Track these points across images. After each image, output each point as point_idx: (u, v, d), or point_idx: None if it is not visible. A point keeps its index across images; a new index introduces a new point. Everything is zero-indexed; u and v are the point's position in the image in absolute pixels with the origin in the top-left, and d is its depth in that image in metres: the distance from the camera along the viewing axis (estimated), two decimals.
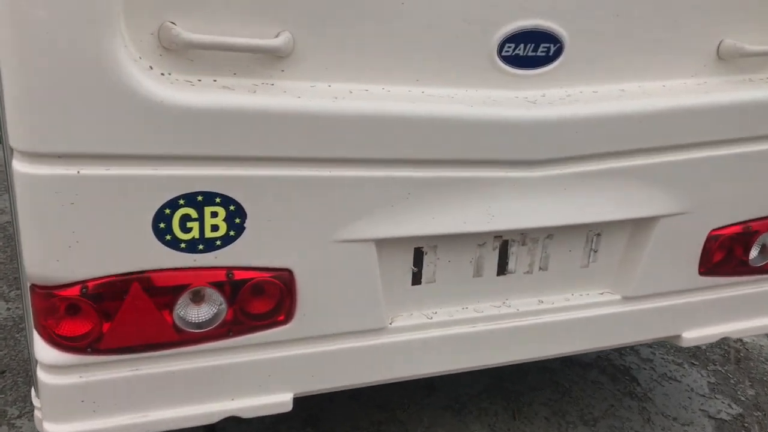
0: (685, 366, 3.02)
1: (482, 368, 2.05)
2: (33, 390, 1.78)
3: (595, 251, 2.09)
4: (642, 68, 1.94)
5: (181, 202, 1.56)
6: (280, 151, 1.59)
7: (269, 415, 1.84)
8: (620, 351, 3.07)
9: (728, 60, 2.02)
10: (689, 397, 2.81)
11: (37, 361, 1.68)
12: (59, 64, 1.38)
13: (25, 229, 1.52)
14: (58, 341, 1.61)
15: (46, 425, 1.69)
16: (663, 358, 3.05)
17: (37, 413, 1.74)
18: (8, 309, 3.07)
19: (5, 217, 3.92)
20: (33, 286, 1.59)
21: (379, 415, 2.56)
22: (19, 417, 2.45)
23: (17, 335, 2.88)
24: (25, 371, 2.67)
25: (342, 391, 1.96)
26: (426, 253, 1.90)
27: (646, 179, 1.99)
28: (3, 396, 2.54)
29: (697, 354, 3.11)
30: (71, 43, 1.37)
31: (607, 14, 1.81)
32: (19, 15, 1.34)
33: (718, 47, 1.99)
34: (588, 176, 1.93)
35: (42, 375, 1.66)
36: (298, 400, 1.85)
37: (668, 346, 3.14)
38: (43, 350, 1.63)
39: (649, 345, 3.12)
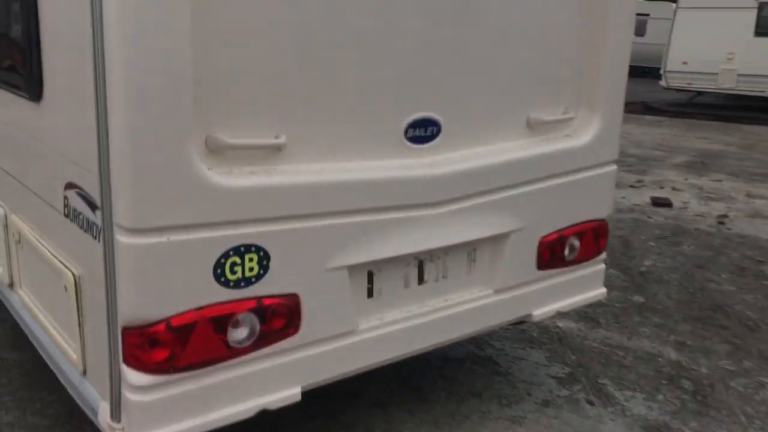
0: (527, 349, 4.09)
1: (417, 353, 2.90)
2: (108, 418, 2.30)
3: (474, 261, 3.06)
4: (486, 137, 2.97)
5: (231, 252, 2.27)
6: (289, 211, 2.37)
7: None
8: (480, 346, 4.07)
9: (534, 127, 3.14)
10: (536, 367, 3.87)
11: (122, 389, 2.24)
12: (155, 167, 2.07)
13: (125, 285, 2.13)
14: (148, 367, 2.20)
15: None
16: (510, 347, 4.10)
17: None
18: None
19: None
20: (125, 329, 2.18)
21: (325, 420, 3.28)
22: None
23: None
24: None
25: (292, 406, 2.55)
26: (375, 274, 2.73)
27: (498, 208, 3.00)
28: None
29: (532, 340, 4.21)
30: (166, 152, 2.07)
31: (464, 107, 2.83)
32: (134, 135, 2.02)
33: (527, 119, 3.11)
34: (465, 210, 2.89)
35: (132, 396, 2.22)
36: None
37: (512, 337, 4.20)
38: (133, 377, 2.21)
39: (499, 339, 4.16)
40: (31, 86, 2.56)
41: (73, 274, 2.47)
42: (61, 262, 2.56)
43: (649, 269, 5.53)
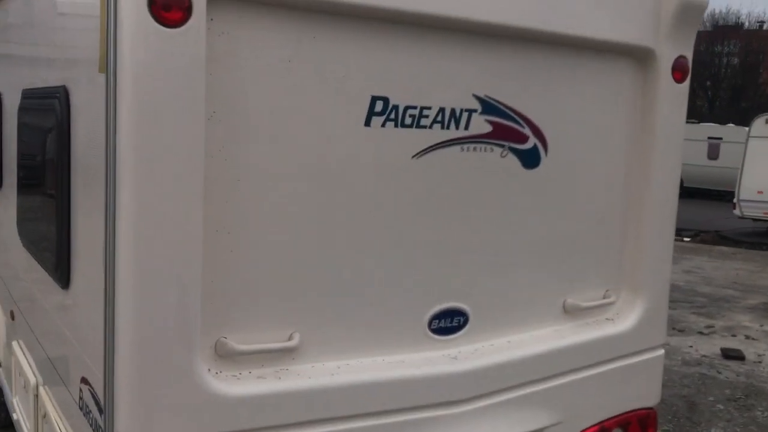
0: None
1: None
2: None
3: None
4: (519, 324, 2.84)
5: None
6: (299, 417, 2.27)
7: None
8: None
9: (571, 312, 2.99)
10: None
11: None
12: (159, 380, 2.03)
13: None
14: None
15: None
16: None
17: None
18: None
19: None
20: None
21: None
22: None
23: None
24: None
25: None
26: None
27: (532, 402, 2.82)
28: None
29: None
30: (172, 365, 2.04)
31: (493, 292, 2.73)
32: (140, 350, 2.00)
33: (564, 304, 2.97)
34: (494, 406, 2.72)
35: None
36: None
37: None
38: None
39: None
40: (60, 273, 2.61)
41: None
42: None
43: None
